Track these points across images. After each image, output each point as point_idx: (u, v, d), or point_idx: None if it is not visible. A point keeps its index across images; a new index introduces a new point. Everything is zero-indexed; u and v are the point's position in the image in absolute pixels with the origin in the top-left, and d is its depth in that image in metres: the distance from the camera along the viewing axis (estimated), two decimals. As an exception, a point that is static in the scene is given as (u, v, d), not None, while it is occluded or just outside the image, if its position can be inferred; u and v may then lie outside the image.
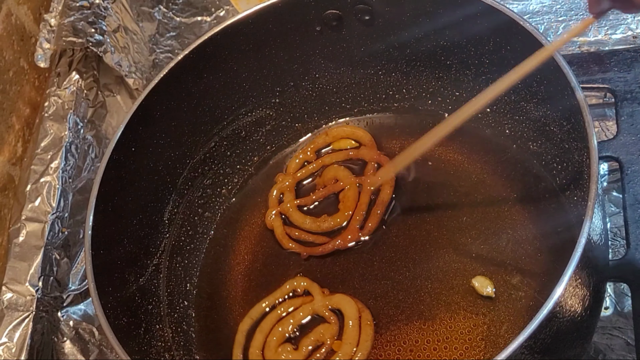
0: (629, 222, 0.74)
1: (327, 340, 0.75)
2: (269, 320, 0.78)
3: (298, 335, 0.77)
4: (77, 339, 0.84)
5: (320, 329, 0.76)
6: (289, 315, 0.78)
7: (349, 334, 0.74)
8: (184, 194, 0.85)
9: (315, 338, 0.75)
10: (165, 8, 1.10)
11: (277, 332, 0.76)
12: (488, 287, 0.74)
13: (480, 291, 0.74)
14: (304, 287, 0.79)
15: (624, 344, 0.74)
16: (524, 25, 0.70)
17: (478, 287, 0.74)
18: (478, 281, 0.75)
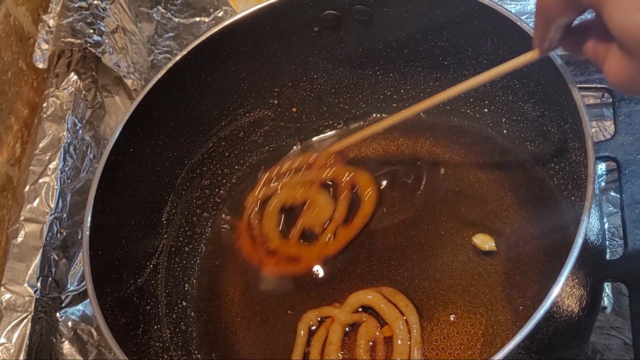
0: (626, 222, 0.74)
1: (375, 332, 0.74)
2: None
3: (349, 356, 0.75)
4: (75, 340, 0.84)
5: (362, 331, 0.74)
6: (328, 347, 0.75)
7: (388, 312, 0.74)
8: (182, 195, 0.85)
9: (365, 340, 0.74)
10: (163, 9, 1.10)
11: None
12: (489, 242, 0.76)
13: (482, 247, 0.76)
14: (317, 316, 0.77)
15: (621, 343, 0.74)
16: (521, 25, 0.70)
17: (479, 243, 0.76)
18: (478, 238, 0.76)
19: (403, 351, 0.72)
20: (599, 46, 0.49)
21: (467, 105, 0.85)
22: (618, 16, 0.41)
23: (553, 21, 0.51)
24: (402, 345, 0.73)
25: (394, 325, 0.73)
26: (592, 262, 0.62)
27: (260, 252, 0.80)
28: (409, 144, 0.88)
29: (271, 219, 0.82)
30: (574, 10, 0.49)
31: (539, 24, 0.54)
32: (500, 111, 0.82)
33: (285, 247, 0.80)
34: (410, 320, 0.74)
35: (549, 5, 0.50)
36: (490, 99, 0.82)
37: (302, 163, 0.84)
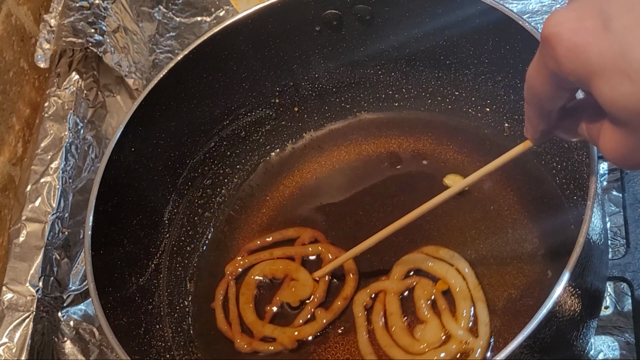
0: (628, 221, 0.74)
1: (432, 290, 0.74)
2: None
3: (413, 318, 0.74)
4: (77, 339, 0.84)
5: (418, 293, 0.74)
6: (390, 318, 0.74)
7: (437, 267, 0.75)
8: (183, 194, 0.85)
9: (425, 300, 0.73)
10: (165, 8, 1.10)
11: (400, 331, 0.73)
12: (460, 180, 0.78)
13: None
14: (368, 294, 0.76)
15: (624, 343, 0.74)
16: (522, 24, 0.70)
17: (450, 183, 0.79)
18: (449, 178, 0.80)
19: (465, 297, 0.73)
20: (592, 124, 0.47)
21: (469, 104, 0.85)
22: (607, 89, 0.40)
23: (546, 107, 0.49)
24: (461, 292, 0.73)
25: (448, 276, 0.74)
26: (594, 261, 0.62)
27: (235, 328, 0.78)
28: (410, 142, 0.88)
29: (248, 291, 0.80)
30: (565, 91, 0.46)
31: (531, 114, 0.51)
32: (502, 110, 0.82)
33: (258, 327, 0.77)
34: (461, 267, 0.74)
35: (538, 91, 0.47)
36: (492, 98, 0.82)
37: (287, 236, 0.83)
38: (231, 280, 0.81)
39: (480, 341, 0.70)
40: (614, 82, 0.39)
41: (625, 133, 0.41)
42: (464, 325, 0.71)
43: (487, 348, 0.70)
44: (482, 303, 0.72)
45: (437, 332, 0.72)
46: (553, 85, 0.45)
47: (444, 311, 0.73)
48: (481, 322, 0.71)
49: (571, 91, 0.46)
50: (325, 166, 0.90)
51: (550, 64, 0.43)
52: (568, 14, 0.41)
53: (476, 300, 0.73)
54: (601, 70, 0.39)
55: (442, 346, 0.71)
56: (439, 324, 0.72)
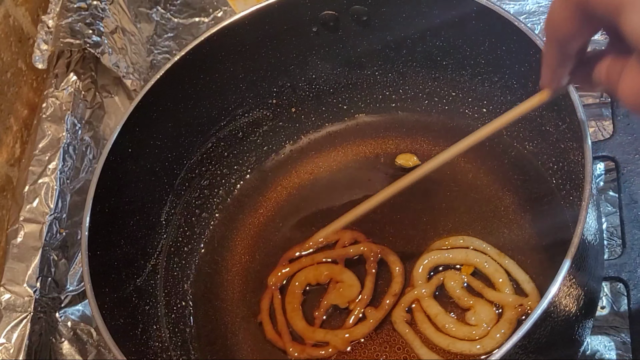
0: (624, 221, 0.74)
1: (461, 277, 0.74)
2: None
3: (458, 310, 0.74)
4: (75, 340, 0.84)
5: (450, 286, 0.74)
6: (436, 319, 0.73)
7: (455, 255, 0.75)
8: (181, 195, 0.85)
9: (460, 288, 0.73)
10: (163, 9, 1.10)
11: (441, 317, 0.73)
12: (412, 158, 0.82)
13: (407, 165, 0.82)
14: (403, 309, 0.75)
15: (620, 343, 0.74)
16: (518, 25, 0.70)
17: (404, 162, 0.81)
18: (401, 158, 0.83)
19: (495, 268, 0.73)
20: (613, 66, 0.45)
21: (466, 105, 0.85)
22: (637, 22, 0.38)
23: (567, 45, 0.46)
24: (490, 265, 0.74)
25: (469, 258, 0.74)
26: (589, 261, 0.62)
27: (285, 337, 0.77)
28: (407, 143, 0.88)
29: (294, 299, 0.78)
30: (589, 27, 0.44)
31: (550, 55, 0.49)
32: (499, 111, 0.82)
33: (309, 333, 0.76)
34: (476, 245, 0.75)
35: (560, 27, 0.45)
36: (489, 99, 0.82)
37: (325, 240, 0.81)
38: (275, 291, 0.80)
39: (532, 297, 0.71)
40: None
41: None
42: (509, 290, 0.72)
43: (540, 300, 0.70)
44: (514, 265, 0.73)
45: (489, 309, 0.72)
46: (577, 19, 0.43)
47: (483, 289, 0.73)
48: (523, 281, 0.72)
49: (594, 27, 0.44)
50: (322, 167, 0.90)
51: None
52: None
53: (506, 266, 0.74)
54: (634, 1, 0.38)
55: (501, 319, 0.71)
56: (485, 302, 0.72)
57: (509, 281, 0.73)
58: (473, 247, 0.76)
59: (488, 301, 0.72)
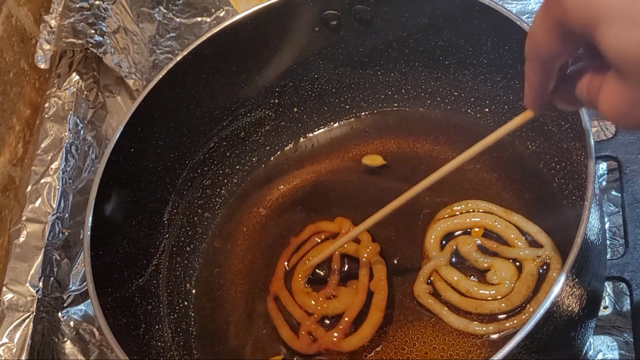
0: (627, 221, 0.74)
1: (474, 240, 0.75)
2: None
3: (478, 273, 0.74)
4: (77, 340, 0.84)
5: (465, 251, 0.74)
6: (459, 285, 0.74)
7: (463, 220, 0.76)
8: (183, 195, 0.85)
9: (475, 251, 0.74)
10: (165, 9, 1.10)
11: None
12: (377, 158, 0.84)
13: (374, 164, 0.84)
14: (424, 282, 0.75)
15: (622, 343, 0.74)
16: (521, 25, 0.70)
17: (370, 162, 0.83)
18: (368, 159, 0.84)
19: (506, 225, 0.75)
20: (592, 82, 0.45)
21: (468, 104, 0.85)
22: (612, 37, 0.38)
23: (548, 64, 0.47)
24: (499, 223, 0.75)
25: (478, 221, 0.75)
26: (592, 261, 0.62)
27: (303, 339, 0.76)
28: (409, 143, 0.88)
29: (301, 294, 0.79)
30: (569, 44, 0.44)
31: (532, 74, 0.49)
32: (501, 110, 0.82)
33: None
34: (482, 206, 0.76)
35: (541, 44, 0.45)
36: (491, 98, 0.82)
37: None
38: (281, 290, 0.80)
39: (547, 247, 0.72)
40: (621, 29, 0.38)
41: (626, 86, 0.40)
42: (524, 244, 0.73)
43: (557, 250, 0.71)
44: (523, 219, 0.74)
45: (508, 266, 0.72)
46: (556, 37, 0.44)
47: (498, 247, 0.74)
48: (535, 233, 0.73)
49: (574, 45, 0.44)
50: (324, 166, 0.90)
51: (555, 11, 0.42)
52: None
53: (516, 222, 0.74)
54: (608, 14, 0.38)
55: (523, 274, 0.71)
56: (503, 260, 0.73)
57: (521, 235, 0.74)
58: (480, 209, 0.77)
59: (505, 258, 0.73)
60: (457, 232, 0.77)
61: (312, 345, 0.75)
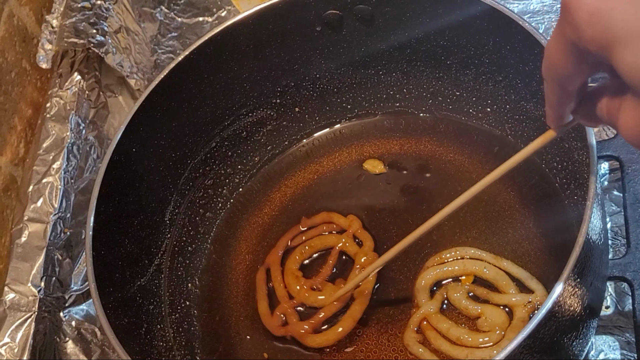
0: (629, 221, 0.74)
1: (464, 288, 0.74)
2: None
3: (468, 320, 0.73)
4: (79, 339, 0.84)
5: (455, 298, 0.74)
6: (449, 333, 0.73)
7: (453, 268, 0.75)
8: (185, 194, 0.85)
9: (466, 299, 0.73)
10: (166, 9, 1.10)
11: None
12: (378, 165, 0.84)
13: (373, 171, 0.83)
14: (413, 330, 0.74)
15: (624, 343, 0.74)
16: (523, 25, 0.70)
17: (370, 168, 0.83)
18: (369, 163, 0.84)
19: (495, 272, 0.74)
20: (612, 103, 0.44)
21: (470, 104, 0.85)
22: (630, 58, 0.37)
23: (567, 85, 0.46)
24: (489, 270, 0.74)
25: (467, 268, 0.75)
26: (594, 261, 0.62)
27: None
28: (412, 144, 0.88)
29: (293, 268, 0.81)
30: (585, 66, 0.43)
31: (551, 95, 0.48)
32: (503, 110, 0.82)
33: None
34: (471, 254, 0.75)
35: (558, 66, 0.44)
36: (493, 98, 0.82)
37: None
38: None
39: (538, 292, 0.71)
40: (638, 50, 0.37)
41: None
42: (514, 290, 0.72)
43: (547, 295, 0.70)
44: (512, 265, 0.74)
45: (499, 313, 0.72)
46: (572, 59, 0.43)
47: (488, 294, 0.73)
48: (525, 279, 0.73)
49: (591, 66, 0.43)
50: (326, 166, 0.90)
51: (569, 33, 0.41)
52: None
53: (506, 267, 0.74)
54: (624, 36, 0.37)
55: (514, 320, 0.71)
56: (494, 306, 0.72)
57: (511, 282, 0.73)
58: (469, 256, 0.76)
59: (496, 305, 0.72)
60: (447, 279, 0.76)
61: (281, 328, 0.77)
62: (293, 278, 0.80)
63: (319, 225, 0.84)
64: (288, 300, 0.79)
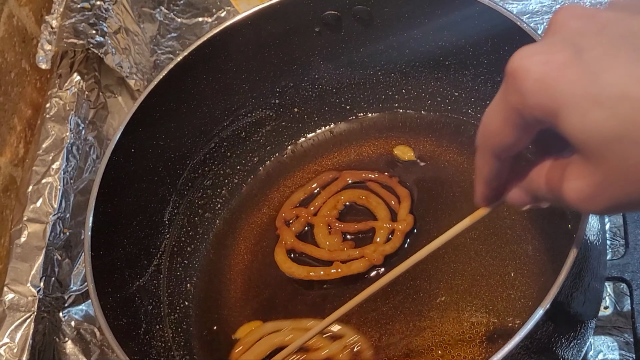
0: (627, 221, 0.74)
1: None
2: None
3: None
4: (78, 340, 0.84)
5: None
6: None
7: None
8: (184, 195, 0.85)
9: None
10: (166, 9, 1.10)
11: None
12: (408, 152, 0.84)
13: (402, 157, 0.84)
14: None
15: (623, 343, 0.74)
16: (521, 25, 0.70)
17: (400, 154, 0.84)
18: (399, 149, 0.84)
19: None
20: (552, 170, 0.43)
21: (469, 105, 0.85)
22: (577, 119, 0.37)
23: (504, 154, 0.45)
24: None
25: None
26: (592, 262, 0.62)
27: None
28: (410, 144, 0.87)
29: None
30: (527, 132, 0.42)
31: (485, 166, 0.47)
32: (502, 111, 0.82)
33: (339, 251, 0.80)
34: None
35: (497, 135, 0.43)
36: (492, 98, 0.80)
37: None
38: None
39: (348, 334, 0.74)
40: (584, 110, 0.37)
41: (593, 167, 0.39)
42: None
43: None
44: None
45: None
46: (513, 126, 0.42)
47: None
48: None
49: (531, 132, 0.42)
50: (325, 167, 0.90)
51: (513, 100, 0.41)
52: (537, 47, 0.40)
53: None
54: (570, 100, 0.38)
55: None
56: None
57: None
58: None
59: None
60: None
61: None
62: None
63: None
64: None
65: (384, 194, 0.83)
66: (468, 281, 0.75)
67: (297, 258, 0.82)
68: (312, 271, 0.79)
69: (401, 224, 0.80)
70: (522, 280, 0.74)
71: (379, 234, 0.80)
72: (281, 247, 0.82)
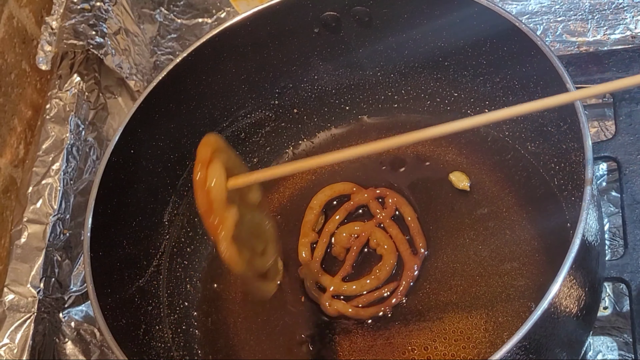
0: (627, 222, 0.74)
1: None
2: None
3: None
4: (78, 340, 0.84)
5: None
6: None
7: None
8: (183, 196, 0.85)
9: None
10: (166, 10, 1.10)
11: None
12: (464, 180, 0.81)
13: (457, 185, 0.81)
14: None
15: (622, 343, 0.74)
16: (519, 26, 0.70)
17: (455, 181, 0.81)
18: (455, 175, 0.81)
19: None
20: None
21: (468, 105, 0.85)
22: None
23: None
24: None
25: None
26: (591, 262, 0.62)
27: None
28: (409, 145, 0.88)
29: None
30: None
31: None
32: (501, 111, 0.82)
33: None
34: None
35: None
36: (491, 99, 0.82)
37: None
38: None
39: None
40: None
41: None
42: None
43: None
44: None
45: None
46: None
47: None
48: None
49: None
50: (324, 168, 0.90)
51: None
52: None
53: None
54: None
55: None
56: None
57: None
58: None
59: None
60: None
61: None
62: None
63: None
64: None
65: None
66: (468, 281, 0.75)
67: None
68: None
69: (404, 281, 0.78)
70: (521, 281, 0.74)
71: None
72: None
